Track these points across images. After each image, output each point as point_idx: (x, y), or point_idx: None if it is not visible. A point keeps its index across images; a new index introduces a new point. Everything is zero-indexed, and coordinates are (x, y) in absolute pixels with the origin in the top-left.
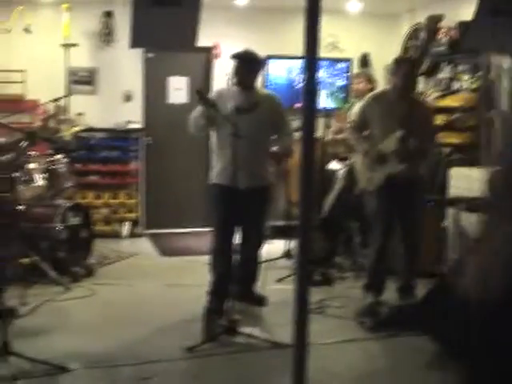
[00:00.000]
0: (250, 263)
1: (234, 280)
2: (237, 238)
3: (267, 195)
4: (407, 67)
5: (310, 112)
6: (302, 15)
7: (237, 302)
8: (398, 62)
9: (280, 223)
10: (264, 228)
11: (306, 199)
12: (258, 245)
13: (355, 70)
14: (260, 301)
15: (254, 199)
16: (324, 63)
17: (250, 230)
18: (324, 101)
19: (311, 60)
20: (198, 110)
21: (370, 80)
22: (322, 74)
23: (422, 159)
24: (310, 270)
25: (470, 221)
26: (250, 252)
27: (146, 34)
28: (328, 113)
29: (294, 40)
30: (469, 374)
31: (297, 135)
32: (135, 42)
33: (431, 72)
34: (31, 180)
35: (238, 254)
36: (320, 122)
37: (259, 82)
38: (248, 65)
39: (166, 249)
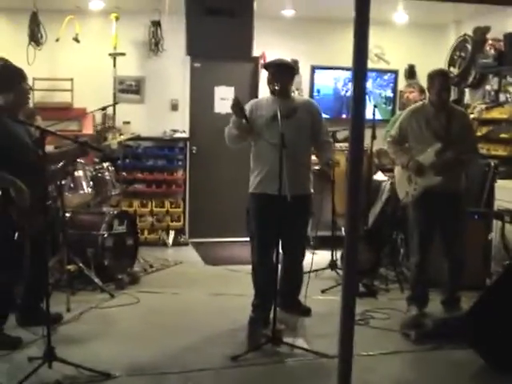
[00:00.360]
0: (294, 273)
1: (279, 290)
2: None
3: (309, 204)
4: (440, 81)
5: (359, 123)
6: (348, 26)
7: (282, 312)
8: (432, 77)
9: (325, 234)
10: (306, 238)
11: (353, 210)
12: (301, 255)
13: (401, 81)
14: (305, 311)
15: (296, 208)
16: (370, 74)
17: (293, 240)
18: (371, 112)
19: (360, 70)
20: (232, 120)
21: (423, 90)
22: (368, 84)
23: (460, 171)
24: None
25: None
26: (293, 262)
27: (203, 43)
28: (375, 124)
29: (340, 50)
30: None
31: (343, 146)
32: (191, 49)
33: (478, 84)
34: (78, 187)
35: (281, 264)
36: (367, 133)
37: (303, 91)
38: (283, 72)
39: (211, 258)
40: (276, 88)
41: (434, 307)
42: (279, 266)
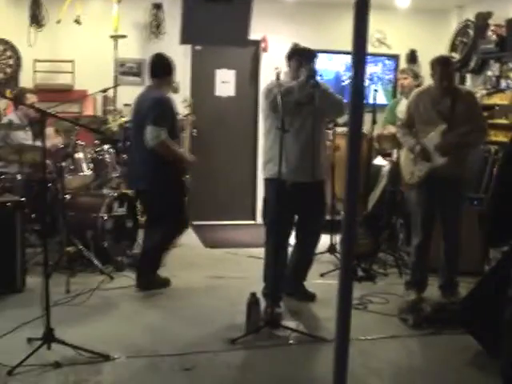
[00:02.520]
0: (306, 261)
1: (286, 276)
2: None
3: (324, 189)
4: (441, 69)
5: (358, 107)
6: (350, 10)
7: (286, 297)
8: (433, 64)
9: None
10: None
11: (351, 194)
12: (316, 242)
13: (402, 66)
14: (310, 297)
15: (315, 194)
16: (379, 58)
17: (311, 228)
18: (371, 95)
19: (359, 55)
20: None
21: (417, 76)
22: (369, 69)
23: (466, 153)
24: (353, 266)
25: None
26: (307, 249)
27: (197, 31)
28: (375, 108)
29: (341, 35)
30: (509, 374)
31: (344, 130)
32: (185, 39)
33: (479, 69)
34: (78, 169)
35: (293, 250)
36: (367, 117)
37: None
38: (312, 59)
39: (211, 240)
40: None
41: (433, 292)
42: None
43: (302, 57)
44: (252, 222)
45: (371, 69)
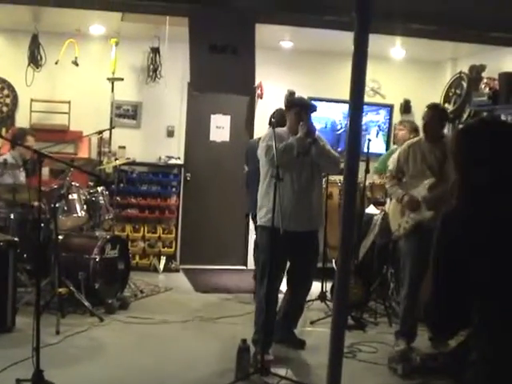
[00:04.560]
0: (297, 308)
1: (276, 324)
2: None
3: (318, 238)
4: (433, 112)
5: (354, 155)
6: (345, 59)
7: (276, 345)
8: (427, 107)
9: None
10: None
11: (346, 243)
12: (308, 289)
13: (396, 116)
14: (300, 344)
15: (308, 243)
16: (366, 108)
17: (303, 276)
18: (365, 144)
19: (356, 104)
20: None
21: (415, 130)
22: (375, 117)
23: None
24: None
25: None
26: (299, 298)
27: (206, 79)
28: (369, 157)
29: (336, 83)
30: None
31: (336, 178)
32: (197, 87)
33: None
34: (72, 210)
35: (284, 296)
36: (360, 166)
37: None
38: (312, 111)
39: (202, 285)
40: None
41: (422, 342)
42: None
43: (301, 109)
44: (243, 268)
45: (368, 117)
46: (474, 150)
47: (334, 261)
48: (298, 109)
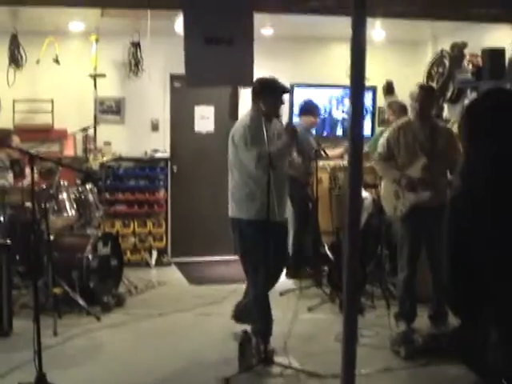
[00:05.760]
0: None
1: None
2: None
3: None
4: (427, 92)
5: (357, 140)
6: (327, 44)
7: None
8: (420, 88)
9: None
10: None
11: (353, 225)
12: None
13: (380, 97)
14: None
15: (283, 232)
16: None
17: (278, 265)
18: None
19: (356, 87)
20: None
21: (404, 109)
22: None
23: (447, 186)
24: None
25: None
26: (271, 286)
27: (201, 73)
28: None
29: (319, 68)
30: None
31: (325, 163)
32: (192, 82)
33: (456, 99)
34: (62, 210)
35: None
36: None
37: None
38: (283, 94)
39: (195, 277)
40: (275, 110)
41: (422, 323)
42: None
43: (282, 94)
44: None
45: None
46: (477, 121)
47: (326, 246)
48: (279, 94)
